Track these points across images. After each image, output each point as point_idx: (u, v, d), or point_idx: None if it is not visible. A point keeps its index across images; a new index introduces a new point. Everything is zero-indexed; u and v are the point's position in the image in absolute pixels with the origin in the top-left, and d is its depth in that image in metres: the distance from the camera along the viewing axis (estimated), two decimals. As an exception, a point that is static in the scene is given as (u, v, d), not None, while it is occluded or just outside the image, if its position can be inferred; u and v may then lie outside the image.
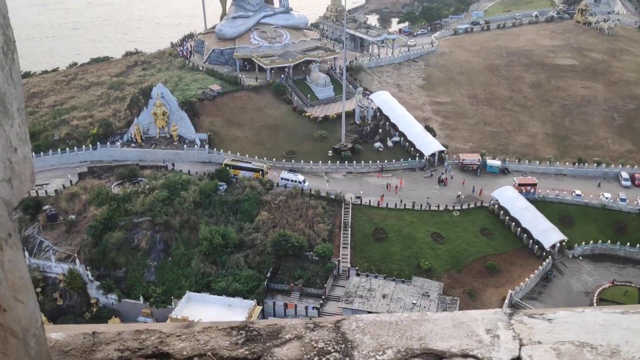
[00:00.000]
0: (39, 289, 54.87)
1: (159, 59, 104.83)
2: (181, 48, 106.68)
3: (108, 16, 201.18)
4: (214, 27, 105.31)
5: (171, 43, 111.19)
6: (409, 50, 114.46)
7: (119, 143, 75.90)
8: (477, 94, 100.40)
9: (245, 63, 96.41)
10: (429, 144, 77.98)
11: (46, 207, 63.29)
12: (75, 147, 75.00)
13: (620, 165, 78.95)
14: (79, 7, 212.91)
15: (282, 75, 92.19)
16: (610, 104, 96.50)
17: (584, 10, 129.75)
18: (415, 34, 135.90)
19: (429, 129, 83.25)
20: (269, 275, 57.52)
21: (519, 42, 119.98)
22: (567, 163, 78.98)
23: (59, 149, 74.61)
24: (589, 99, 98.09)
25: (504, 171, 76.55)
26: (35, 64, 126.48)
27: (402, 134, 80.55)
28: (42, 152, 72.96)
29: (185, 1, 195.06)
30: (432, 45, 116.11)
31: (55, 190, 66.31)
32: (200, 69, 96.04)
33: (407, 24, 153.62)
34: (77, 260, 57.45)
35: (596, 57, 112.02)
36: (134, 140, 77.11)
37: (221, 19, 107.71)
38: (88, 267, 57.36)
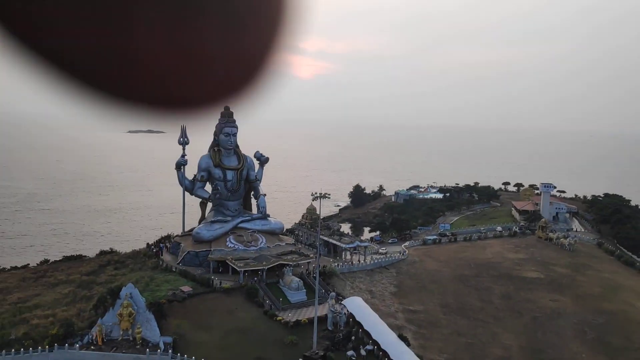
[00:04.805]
0: None
1: (133, 259, 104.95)
2: (155, 249, 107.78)
3: (85, 220, 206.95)
4: (191, 230, 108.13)
5: (147, 244, 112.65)
6: (385, 256, 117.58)
7: (77, 345, 71.80)
8: (449, 303, 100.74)
9: (219, 265, 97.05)
10: (403, 355, 75.46)
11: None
12: (31, 348, 70.52)
13: (599, 382, 76.66)
14: (64, 209, 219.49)
15: (255, 278, 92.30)
16: (579, 318, 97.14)
17: (544, 227, 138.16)
18: (388, 242, 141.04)
19: (402, 337, 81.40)
20: None
21: (485, 254, 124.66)
22: (545, 378, 76.44)
23: (12, 350, 69.95)
24: (559, 312, 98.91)
25: (481, 386, 73.38)
26: (6, 260, 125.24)
27: (375, 342, 78.38)
28: (-7, 353, 68.29)
29: (167, 208, 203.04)
30: (403, 254, 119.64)
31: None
32: (174, 270, 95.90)
33: (378, 232, 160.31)
34: None
35: (561, 271, 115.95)
36: (95, 343, 73.17)
37: (199, 222, 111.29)
38: None
